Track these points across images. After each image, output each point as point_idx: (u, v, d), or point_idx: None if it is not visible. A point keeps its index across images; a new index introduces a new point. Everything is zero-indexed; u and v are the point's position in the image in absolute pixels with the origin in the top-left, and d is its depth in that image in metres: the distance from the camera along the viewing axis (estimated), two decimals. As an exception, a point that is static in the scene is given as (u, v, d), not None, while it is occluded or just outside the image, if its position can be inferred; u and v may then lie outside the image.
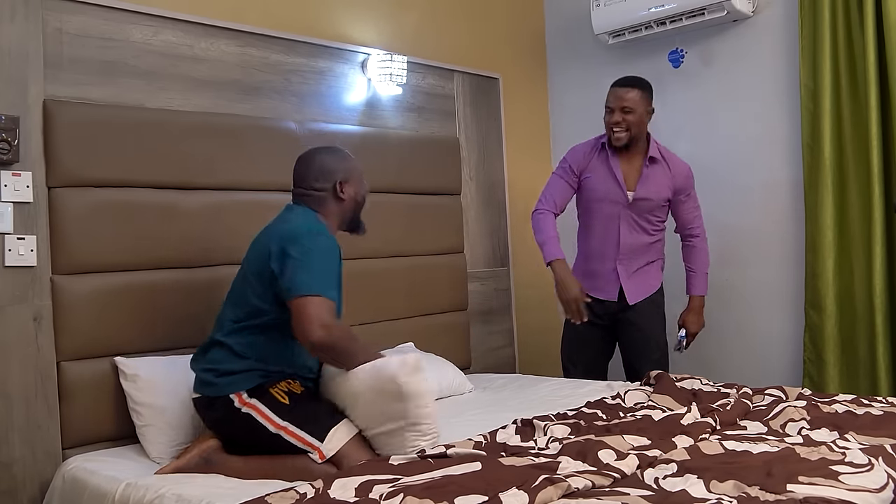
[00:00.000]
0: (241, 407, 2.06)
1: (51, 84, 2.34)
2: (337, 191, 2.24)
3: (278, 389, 2.09)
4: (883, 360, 3.03)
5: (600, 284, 3.09)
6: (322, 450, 1.99)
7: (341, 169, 2.26)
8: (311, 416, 2.05)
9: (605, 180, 3.05)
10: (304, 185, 2.25)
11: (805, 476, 1.60)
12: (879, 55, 3.03)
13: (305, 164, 2.27)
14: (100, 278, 2.38)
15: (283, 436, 2.01)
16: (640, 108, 2.97)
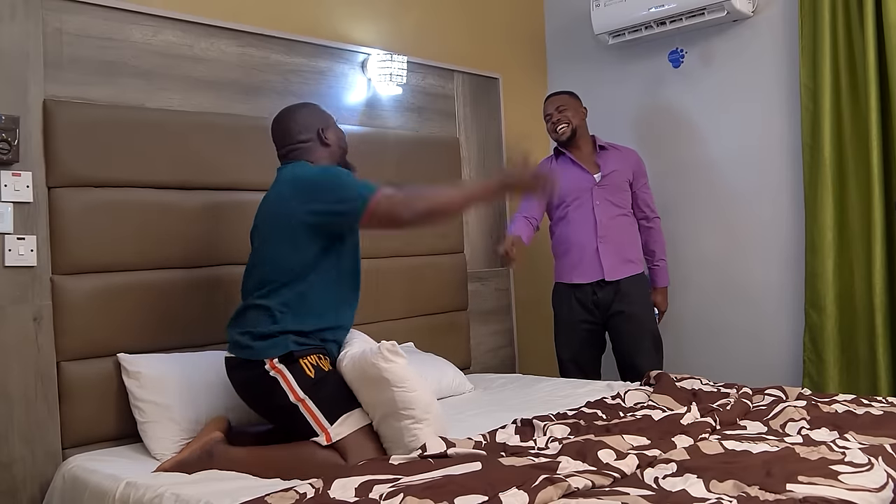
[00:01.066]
0: (270, 370, 2.10)
1: (51, 84, 2.34)
2: (322, 138, 2.33)
3: (307, 362, 2.12)
4: (883, 360, 3.03)
5: (583, 267, 3.22)
6: (329, 432, 2.03)
7: (318, 118, 2.37)
8: (329, 397, 2.09)
9: (569, 174, 3.25)
10: (289, 141, 2.32)
11: (805, 476, 1.60)
12: (879, 55, 3.03)
13: (284, 122, 2.35)
14: (100, 278, 2.38)
15: (300, 408, 2.06)
16: (572, 106, 3.29)
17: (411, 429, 2.01)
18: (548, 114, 3.32)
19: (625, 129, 3.81)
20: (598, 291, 3.20)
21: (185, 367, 2.37)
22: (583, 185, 3.23)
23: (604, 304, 3.20)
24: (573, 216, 3.24)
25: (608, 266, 3.18)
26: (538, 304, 3.95)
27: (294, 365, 2.11)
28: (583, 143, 3.31)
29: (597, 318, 3.23)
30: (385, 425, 2.06)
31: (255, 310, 2.18)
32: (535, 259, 4.01)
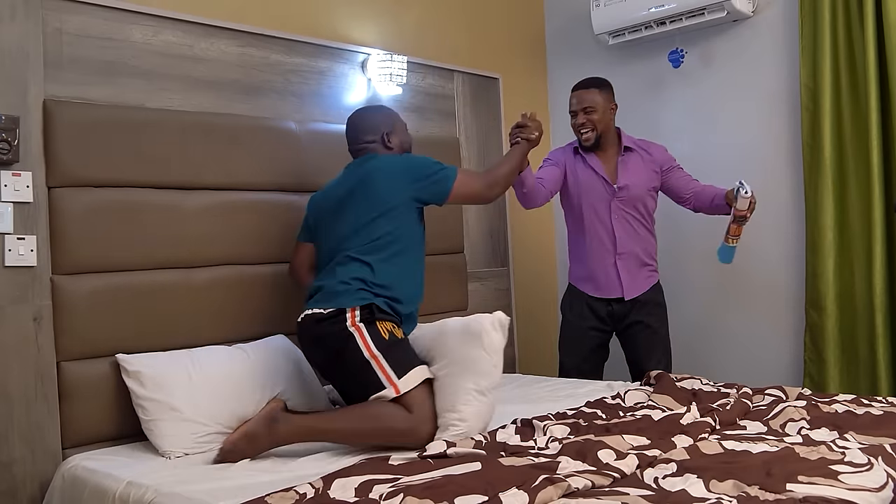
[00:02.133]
0: (349, 326, 2.24)
1: (51, 84, 2.35)
2: (385, 141, 2.55)
3: (384, 326, 2.28)
4: (883, 360, 3.03)
5: (602, 284, 3.10)
6: (398, 385, 2.17)
7: (386, 122, 2.58)
8: (400, 356, 2.25)
9: (588, 179, 3.09)
10: (358, 142, 2.57)
11: (804, 476, 1.60)
12: (879, 55, 3.03)
13: (354, 123, 2.59)
14: (100, 278, 2.38)
15: (372, 364, 2.20)
16: (601, 106, 3.05)
17: (471, 395, 2.15)
18: (573, 111, 3.08)
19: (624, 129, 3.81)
20: (615, 304, 3.09)
21: (185, 365, 2.37)
22: (600, 195, 3.07)
23: (619, 315, 3.10)
24: (590, 225, 3.09)
25: (627, 284, 3.06)
26: (538, 305, 3.96)
27: (372, 325, 2.26)
28: (607, 147, 3.10)
29: (608, 328, 3.13)
30: (448, 381, 2.20)
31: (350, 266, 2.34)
32: (535, 259, 4.01)
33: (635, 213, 3.09)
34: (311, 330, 2.33)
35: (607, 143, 3.10)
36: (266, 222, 2.77)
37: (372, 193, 2.40)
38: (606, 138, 3.09)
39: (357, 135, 2.57)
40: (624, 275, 3.06)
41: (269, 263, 2.78)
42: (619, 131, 3.15)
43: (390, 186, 2.40)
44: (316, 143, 2.95)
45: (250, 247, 2.72)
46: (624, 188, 3.05)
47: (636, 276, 3.08)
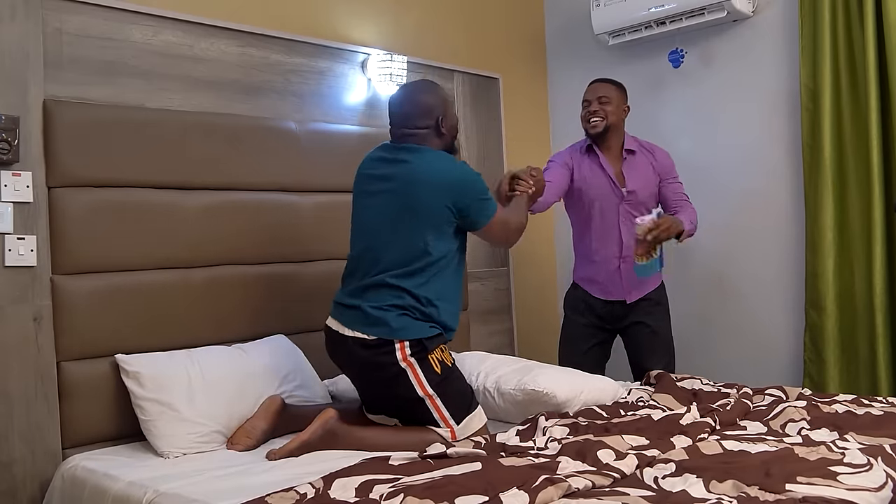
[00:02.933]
0: (401, 361, 2.20)
1: (51, 84, 2.34)
2: (440, 128, 2.38)
3: (434, 357, 2.24)
4: (883, 360, 3.03)
5: (606, 287, 3.08)
6: (456, 431, 2.20)
7: (439, 105, 2.39)
8: (456, 395, 2.25)
9: (597, 178, 3.06)
10: (408, 125, 2.36)
11: (804, 476, 1.60)
12: (879, 55, 3.03)
13: (405, 104, 2.39)
14: (100, 278, 2.38)
15: (427, 403, 2.21)
16: (615, 101, 3.03)
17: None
18: (587, 100, 3.05)
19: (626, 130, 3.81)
20: (616, 305, 3.07)
21: (184, 366, 2.37)
22: (607, 196, 3.04)
23: (619, 315, 3.08)
24: (597, 226, 3.06)
25: (629, 288, 3.04)
26: (538, 305, 3.96)
27: (424, 361, 2.22)
28: (614, 141, 3.07)
29: (607, 326, 3.11)
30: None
31: (392, 289, 2.25)
32: (535, 259, 4.01)
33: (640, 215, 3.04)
34: (354, 352, 2.26)
35: (613, 140, 3.06)
36: (266, 222, 2.77)
37: (416, 204, 2.26)
38: (613, 134, 3.05)
39: (408, 118, 2.36)
40: (626, 278, 3.04)
41: (269, 263, 2.78)
42: (626, 138, 3.12)
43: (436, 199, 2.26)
44: (316, 143, 2.95)
45: (250, 247, 2.72)
46: (633, 193, 3.03)
47: (637, 283, 3.05)
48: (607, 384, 2.53)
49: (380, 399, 2.34)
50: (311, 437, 2.14)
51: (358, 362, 2.29)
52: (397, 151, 2.36)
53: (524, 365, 2.55)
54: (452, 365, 2.30)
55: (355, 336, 2.25)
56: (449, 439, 2.17)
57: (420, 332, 2.23)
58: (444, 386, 2.23)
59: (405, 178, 2.29)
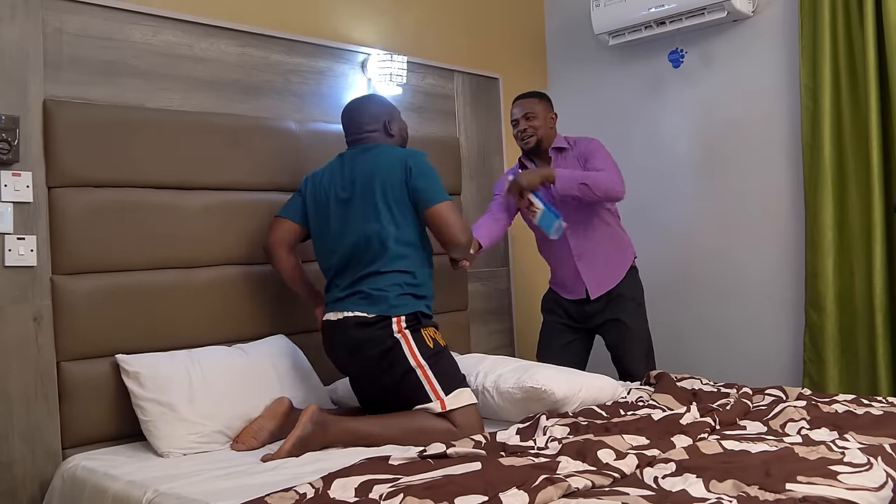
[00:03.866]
0: (396, 333, 2.29)
1: (51, 84, 2.34)
2: (388, 129, 2.54)
3: (428, 334, 2.34)
4: (883, 360, 3.03)
5: (568, 286, 3.15)
6: (445, 401, 2.24)
7: (385, 110, 2.57)
8: (445, 370, 2.31)
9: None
10: (359, 131, 2.53)
11: (804, 476, 1.60)
12: (879, 55, 3.03)
13: (353, 113, 2.56)
14: (100, 278, 2.38)
15: (417, 373, 2.26)
16: (542, 114, 3.08)
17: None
18: (514, 119, 3.10)
19: (624, 129, 3.81)
20: (586, 305, 3.11)
21: (185, 366, 2.37)
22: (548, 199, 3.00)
23: (591, 313, 3.12)
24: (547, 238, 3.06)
25: (592, 285, 3.08)
26: (538, 305, 3.95)
27: (417, 333, 2.32)
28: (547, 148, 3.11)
29: (580, 326, 3.15)
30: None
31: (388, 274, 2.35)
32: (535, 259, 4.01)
33: (585, 211, 3.04)
34: (349, 333, 2.34)
35: (547, 147, 3.11)
36: (266, 222, 2.77)
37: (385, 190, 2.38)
38: (547, 145, 3.11)
39: (358, 125, 2.53)
40: (586, 275, 3.08)
41: (268, 263, 2.77)
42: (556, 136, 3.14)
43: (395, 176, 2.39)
44: (316, 143, 2.95)
45: (250, 247, 2.72)
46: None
47: (601, 275, 3.08)
48: (606, 383, 2.53)
49: (372, 383, 2.37)
50: (303, 433, 2.13)
51: (352, 343, 2.34)
52: (354, 153, 2.50)
53: (522, 364, 2.55)
54: (445, 347, 2.38)
55: (354, 315, 2.32)
56: (438, 410, 2.22)
57: (416, 307, 2.35)
58: (436, 359, 2.30)
59: (367, 171, 2.41)
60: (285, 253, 2.60)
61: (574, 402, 2.36)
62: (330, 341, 2.43)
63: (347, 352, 2.38)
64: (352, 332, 2.33)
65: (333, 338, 2.40)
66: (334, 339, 2.40)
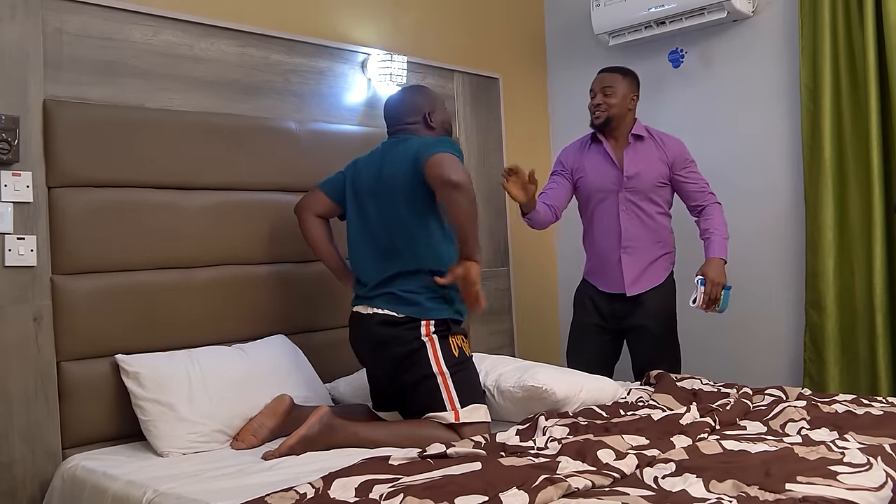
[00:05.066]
0: (423, 335, 2.28)
1: (51, 84, 2.34)
2: (428, 121, 2.50)
3: (455, 341, 2.33)
4: (883, 360, 3.03)
5: (606, 278, 3.05)
6: (459, 413, 2.23)
7: (427, 102, 2.53)
8: (466, 382, 2.30)
9: (598, 166, 3.04)
10: (399, 123, 2.50)
11: (803, 476, 1.60)
12: (879, 55, 3.03)
13: (395, 105, 2.54)
14: (100, 278, 2.38)
15: (438, 380, 2.25)
16: (621, 91, 2.99)
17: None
18: (593, 90, 3.02)
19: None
20: (617, 303, 3.03)
21: (184, 366, 2.37)
22: (607, 184, 3.00)
23: (621, 314, 3.03)
24: (598, 219, 3.04)
25: (629, 280, 2.97)
26: (538, 305, 3.96)
27: (445, 340, 2.30)
28: (620, 131, 3.01)
29: (612, 327, 3.06)
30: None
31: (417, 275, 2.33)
32: (535, 259, 4.01)
33: (646, 205, 2.99)
34: (375, 331, 2.33)
35: (620, 130, 3.02)
36: (266, 222, 2.77)
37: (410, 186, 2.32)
38: (620, 124, 3.01)
39: (399, 116, 2.51)
40: (628, 269, 2.99)
41: (269, 263, 2.78)
42: (636, 121, 3.06)
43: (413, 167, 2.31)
44: (316, 143, 2.95)
45: (250, 247, 2.72)
46: (633, 177, 2.97)
47: (642, 273, 3.00)
48: (606, 383, 2.53)
49: (392, 381, 2.35)
50: (309, 432, 2.14)
51: (376, 339, 2.33)
52: (389, 145, 2.47)
53: (523, 364, 2.55)
54: (470, 357, 2.38)
55: (382, 313, 2.31)
56: (451, 421, 2.21)
57: (447, 314, 2.34)
58: (459, 368, 2.29)
59: (393, 166, 2.37)
60: (311, 216, 2.59)
61: (575, 402, 2.36)
62: (355, 334, 2.42)
63: (371, 348, 2.38)
64: (379, 329, 2.32)
65: (360, 331, 2.39)
66: (360, 333, 2.39)
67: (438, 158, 2.22)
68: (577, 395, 2.37)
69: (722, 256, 2.90)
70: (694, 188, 3.00)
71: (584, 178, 3.08)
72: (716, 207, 2.99)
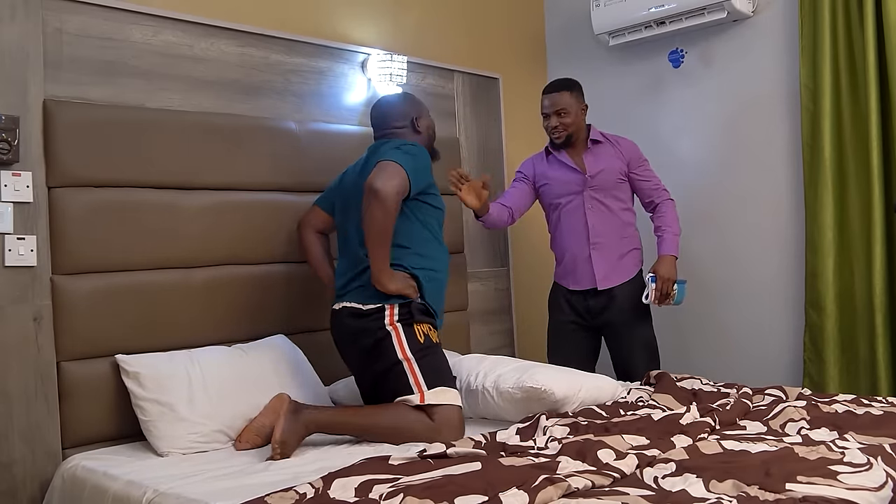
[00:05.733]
0: (387, 325, 2.29)
1: (51, 84, 2.34)
2: (415, 126, 2.56)
3: (420, 329, 2.33)
4: (883, 360, 3.03)
5: (577, 275, 3.14)
6: (425, 394, 2.22)
7: (413, 108, 2.60)
8: (433, 366, 2.29)
9: (560, 173, 3.16)
10: (386, 127, 2.56)
11: (804, 476, 1.60)
12: (879, 55, 3.03)
13: (382, 109, 2.61)
14: (100, 278, 2.38)
15: (404, 366, 2.25)
16: (573, 108, 3.10)
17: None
18: (546, 113, 3.14)
19: (624, 130, 3.80)
20: (591, 299, 3.11)
21: (184, 366, 2.37)
22: (572, 186, 3.11)
23: (595, 310, 3.11)
24: (565, 220, 3.14)
25: (601, 275, 3.08)
26: (538, 304, 3.95)
27: (409, 328, 2.31)
28: (578, 144, 3.15)
29: (588, 324, 3.14)
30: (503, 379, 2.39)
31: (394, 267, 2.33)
32: (535, 259, 4.01)
33: (611, 202, 3.11)
34: (345, 323, 2.37)
35: (578, 140, 3.16)
36: (266, 222, 2.77)
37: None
38: (578, 137, 3.15)
39: (386, 121, 2.57)
40: (598, 265, 3.08)
41: (268, 263, 2.78)
42: (590, 128, 3.19)
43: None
44: (316, 143, 2.95)
45: (250, 247, 2.72)
46: (596, 175, 3.09)
47: (612, 268, 3.09)
48: (606, 383, 2.53)
49: (363, 373, 2.39)
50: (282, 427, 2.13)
51: (349, 332, 2.37)
52: (373, 149, 2.52)
53: (522, 364, 2.55)
54: (438, 343, 2.37)
55: (350, 306, 2.35)
56: (416, 402, 2.20)
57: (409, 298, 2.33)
58: (424, 353, 2.29)
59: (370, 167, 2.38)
60: (309, 232, 2.70)
61: (574, 402, 2.36)
62: (332, 332, 2.46)
63: (344, 342, 2.42)
64: (347, 321, 2.36)
65: (333, 328, 2.44)
66: (334, 329, 2.44)
67: (382, 164, 2.26)
68: (576, 395, 2.38)
69: (672, 253, 3.04)
70: (647, 185, 3.15)
71: (548, 185, 3.18)
72: (668, 204, 3.13)
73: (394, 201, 2.22)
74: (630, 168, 3.13)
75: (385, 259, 2.28)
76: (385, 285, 2.29)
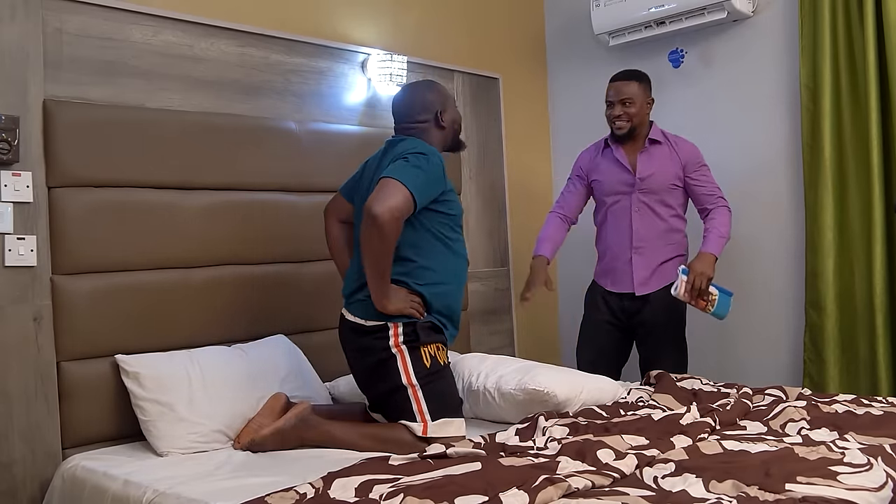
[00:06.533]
0: (392, 346, 2.22)
1: (51, 84, 2.34)
2: (438, 120, 2.41)
3: (427, 351, 2.24)
4: (883, 360, 3.03)
5: (616, 277, 3.08)
6: (428, 427, 2.17)
7: (438, 100, 2.42)
8: (438, 394, 2.23)
9: (611, 170, 3.08)
10: (407, 119, 2.41)
11: (803, 476, 1.60)
12: (879, 55, 3.03)
13: (405, 100, 2.44)
14: (100, 278, 2.38)
15: (408, 392, 2.20)
16: (639, 100, 3.02)
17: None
18: (610, 101, 3.02)
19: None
20: (627, 300, 3.05)
21: (184, 366, 2.37)
22: (621, 187, 3.04)
23: (631, 311, 3.06)
24: (611, 219, 3.08)
25: (639, 280, 3.01)
26: (538, 305, 3.95)
27: (415, 351, 2.23)
28: (637, 139, 3.05)
29: (624, 324, 3.08)
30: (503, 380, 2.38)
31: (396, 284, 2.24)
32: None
33: (659, 206, 3.02)
34: (349, 337, 2.32)
35: (639, 135, 3.06)
36: (266, 222, 2.77)
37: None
38: (640, 132, 3.05)
39: (409, 112, 2.41)
40: (638, 270, 3.02)
41: (269, 263, 2.78)
42: (652, 125, 3.10)
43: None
44: (316, 143, 2.95)
45: (250, 247, 2.72)
46: (645, 179, 3.00)
47: (652, 273, 3.02)
48: (607, 384, 2.53)
49: (368, 388, 2.36)
50: (285, 425, 2.16)
51: (353, 346, 2.32)
52: (390, 143, 2.39)
53: (524, 365, 2.55)
54: (445, 366, 2.30)
55: (352, 320, 2.29)
56: (419, 433, 2.16)
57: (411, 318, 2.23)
58: (430, 380, 2.22)
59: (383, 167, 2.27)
60: (333, 222, 2.58)
61: (576, 404, 2.36)
62: (339, 336, 2.40)
63: (349, 353, 2.38)
64: (352, 336, 2.31)
65: (340, 334, 2.39)
66: (341, 335, 2.38)
67: (384, 182, 2.12)
68: (577, 397, 2.37)
69: (713, 252, 2.92)
70: (702, 191, 3.04)
71: (599, 181, 3.13)
72: (722, 210, 3.02)
73: (392, 228, 2.09)
74: (686, 172, 3.03)
75: (382, 286, 2.17)
76: (385, 307, 2.19)
